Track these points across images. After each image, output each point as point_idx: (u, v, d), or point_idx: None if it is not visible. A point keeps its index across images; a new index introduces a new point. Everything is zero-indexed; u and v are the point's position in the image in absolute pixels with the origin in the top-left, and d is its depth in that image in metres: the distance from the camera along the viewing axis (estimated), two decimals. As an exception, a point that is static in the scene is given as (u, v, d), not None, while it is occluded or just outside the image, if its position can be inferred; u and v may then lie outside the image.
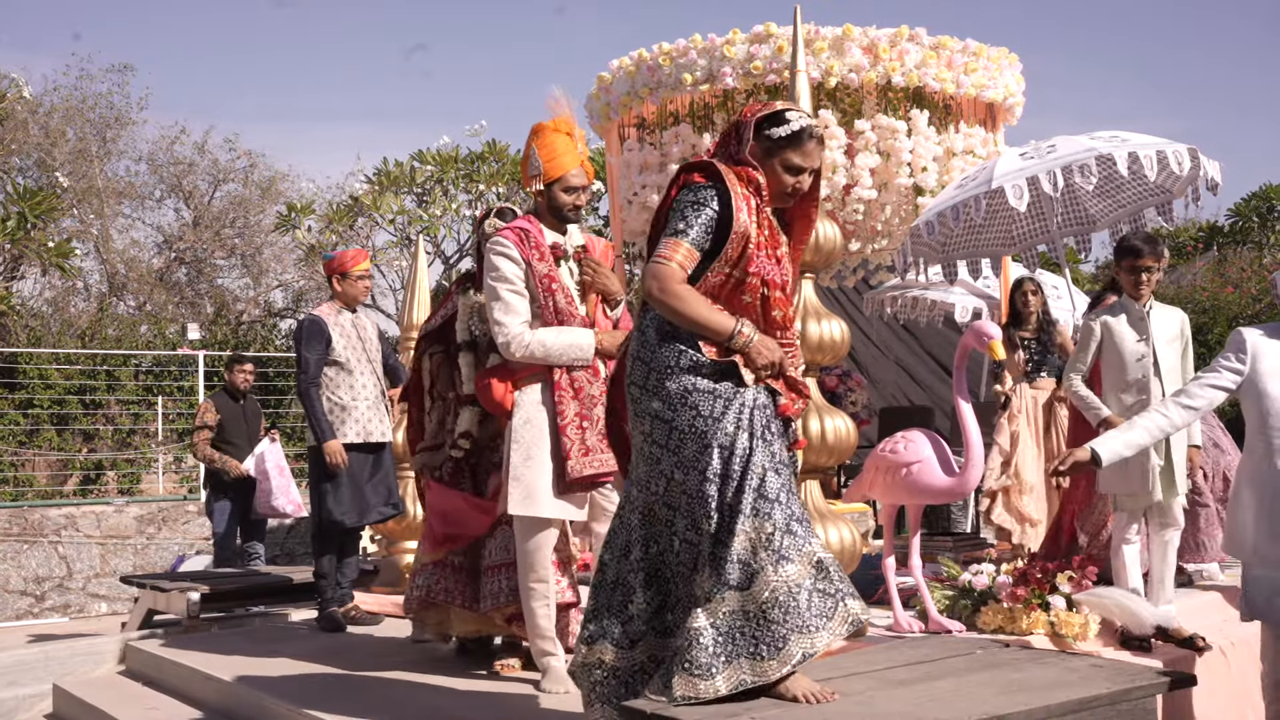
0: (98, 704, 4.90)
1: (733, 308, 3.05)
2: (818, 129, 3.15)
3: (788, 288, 3.16)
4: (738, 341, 2.98)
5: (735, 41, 6.95)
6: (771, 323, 3.10)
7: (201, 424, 8.36)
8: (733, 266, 3.03)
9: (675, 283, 2.98)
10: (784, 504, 2.93)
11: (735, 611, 2.87)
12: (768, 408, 3.03)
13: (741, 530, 2.90)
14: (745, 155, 3.10)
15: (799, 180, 3.13)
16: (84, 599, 10.40)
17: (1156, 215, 6.74)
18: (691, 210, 3.02)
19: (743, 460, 2.93)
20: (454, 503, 4.37)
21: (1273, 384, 3.61)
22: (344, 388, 5.78)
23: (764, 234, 3.07)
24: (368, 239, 16.37)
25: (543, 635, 4.03)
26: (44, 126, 18.56)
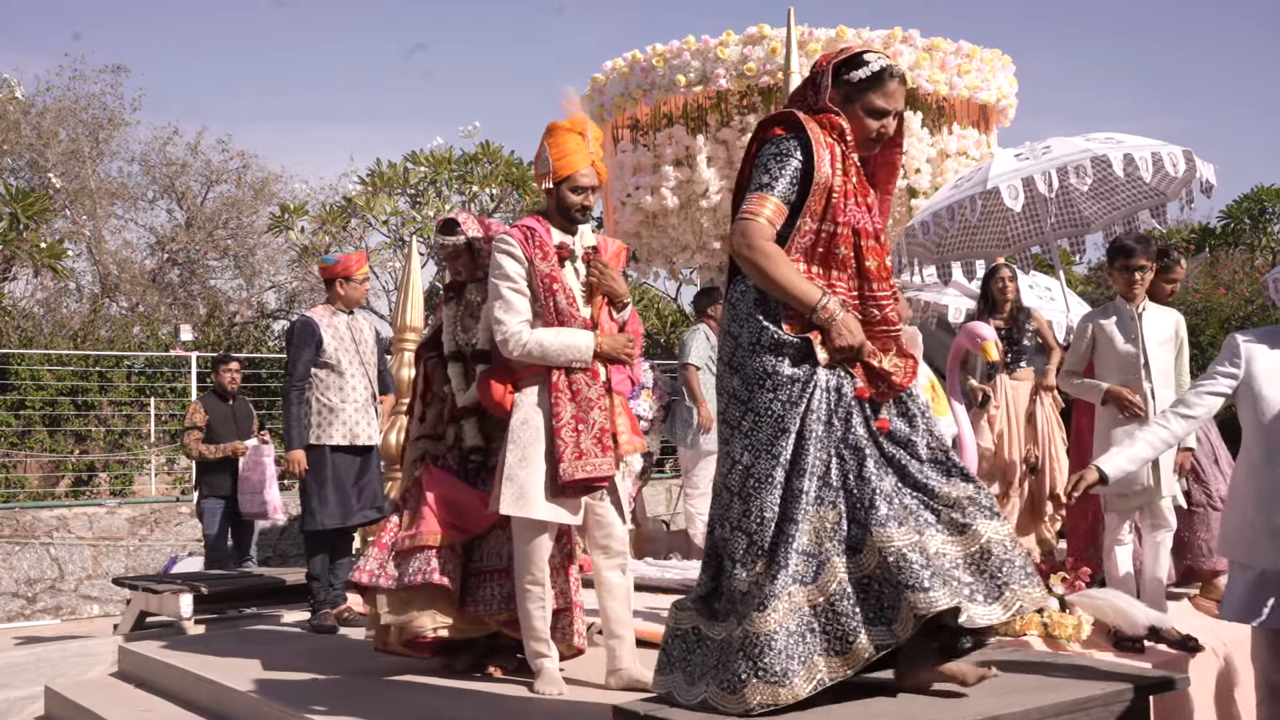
0: (90, 706, 4.88)
1: (827, 263, 2.94)
2: (899, 68, 3.03)
3: (881, 234, 3.03)
4: (820, 316, 2.86)
5: (729, 43, 6.96)
6: (866, 274, 2.97)
7: (191, 425, 8.40)
8: (820, 220, 2.92)
9: (763, 239, 2.86)
10: (851, 491, 2.81)
11: (802, 607, 2.76)
12: (842, 390, 2.90)
13: (805, 519, 2.80)
14: (825, 102, 2.98)
15: (883, 124, 3.00)
16: (76, 601, 10.37)
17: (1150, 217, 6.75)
18: (774, 162, 2.91)
19: (810, 446, 2.83)
20: (465, 495, 4.33)
21: (1268, 387, 3.64)
22: (334, 389, 5.78)
23: (851, 181, 2.95)
24: (361, 240, 16.36)
25: (537, 637, 4.01)
26: (36, 127, 18.52)
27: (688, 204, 7.10)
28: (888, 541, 2.73)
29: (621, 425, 3.99)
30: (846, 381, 2.92)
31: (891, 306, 3.01)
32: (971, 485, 2.91)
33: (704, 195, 7.01)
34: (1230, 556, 3.75)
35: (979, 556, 2.83)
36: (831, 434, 2.87)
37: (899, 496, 2.85)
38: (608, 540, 4.06)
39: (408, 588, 4.22)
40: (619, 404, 4.02)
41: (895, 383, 2.97)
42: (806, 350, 2.88)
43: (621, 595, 4.07)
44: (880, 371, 2.95)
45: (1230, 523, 3.71)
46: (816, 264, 2.95)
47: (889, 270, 3.03)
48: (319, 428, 5.72)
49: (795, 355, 2.88)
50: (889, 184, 3.18)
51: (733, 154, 6.99)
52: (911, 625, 2.69)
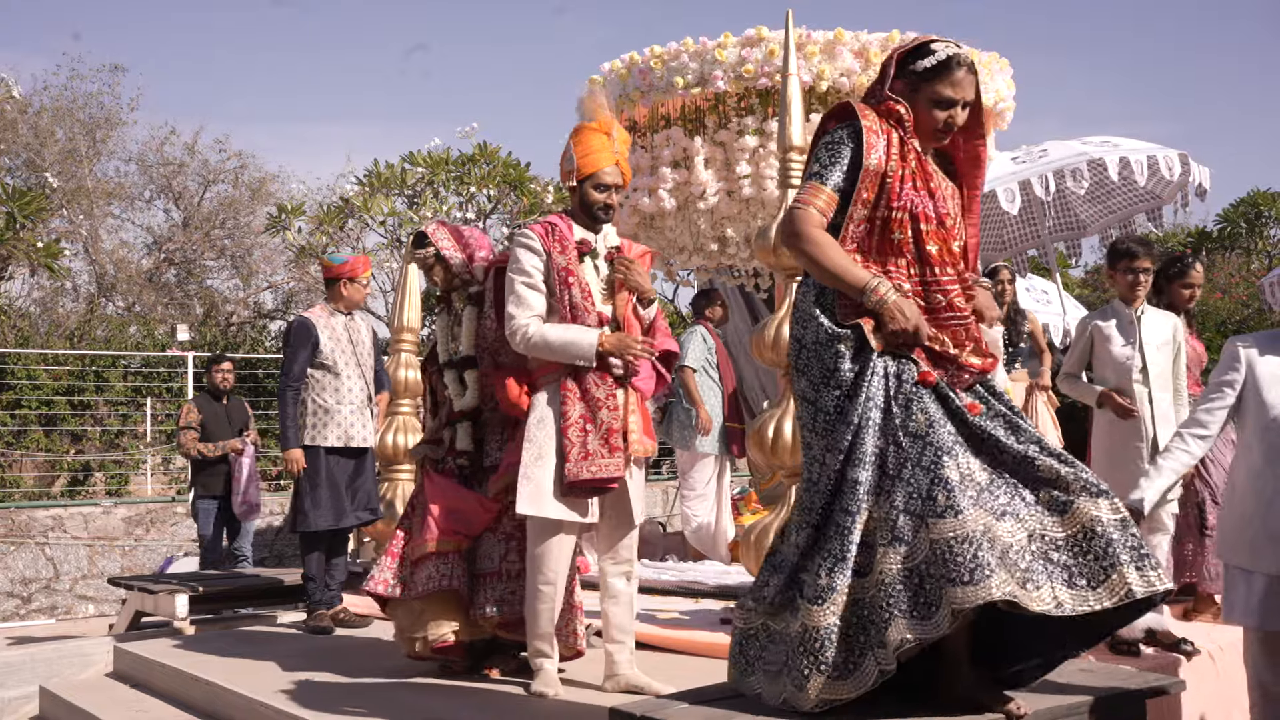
0: (85, 706, 4.87)
1: (884, 250, 2.89)
2: (967, 56, 2.95)
3: (947, 219, 2.94)
4: (870, 299, 2.79)
5: (727, 45, 6.95)
6: (927, 259, 2.90)
7: (186, 425, 8.42)
8: (873, 207, 2.88)
9: (810, 226, 2.84)
10: (908, 480, 2.72)
11: (860, 600, 2.71)
12: (902, 376, 2.82)
13: (862, 510, 2.74)
14: (886, 92, 2.94)
15: (951, 114, 2.94)
16: (71, 601, 10.35)
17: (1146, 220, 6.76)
18: (825, 151, 2.90)
19: (867, 434, 2.76)
20: (463, 500, 4.34)
21: (1267, 391, 3.65)
22: (329, 390, 5.77)
23: (909, 166, 2.90)
24: (358, 240, 16.35)
25: (541, 636, 4.00)
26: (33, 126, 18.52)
27: (685, 206, 7.09)
28: (940, 533, 2.64)
29: (634, 425, 3.98)
30: (908, 367, 2.84)
31: (958, 293, 2.92)
32: (1071, 467, 2.80)
33: (701, 197, 7.00)
34: (1227, 559, 3.75)
35: (1082, 537, 2.71)
36: (890, 422, 2.79)
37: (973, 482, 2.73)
38: (615, 545, 4.06)
39: (421, 597, 4.29)
40: (634, 403, 4.00)
41: (964, 364, 2.88)
42: (861, 337, 2.83)
43: (625, 602, 4.06)
44: (945, 355, 2.87)
45: (1228, 525, 3.72)
46: (874, 252, 2.90)
47: (955, 256, 2.96)
48: (313, 428, 5.72)
49: (851, 344, 2.84)
50: (975, 177, 3.11)
51: (730, 156, 6.98)
52: (949, 621, 2.59)
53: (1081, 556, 2.71)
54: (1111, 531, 2.71)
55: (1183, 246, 18.26)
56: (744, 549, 4.66)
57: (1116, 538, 2.71)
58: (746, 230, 7.14)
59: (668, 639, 4.72)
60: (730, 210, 7.05)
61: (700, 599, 5.72)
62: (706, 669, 4.20)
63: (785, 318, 4.57)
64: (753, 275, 8.25)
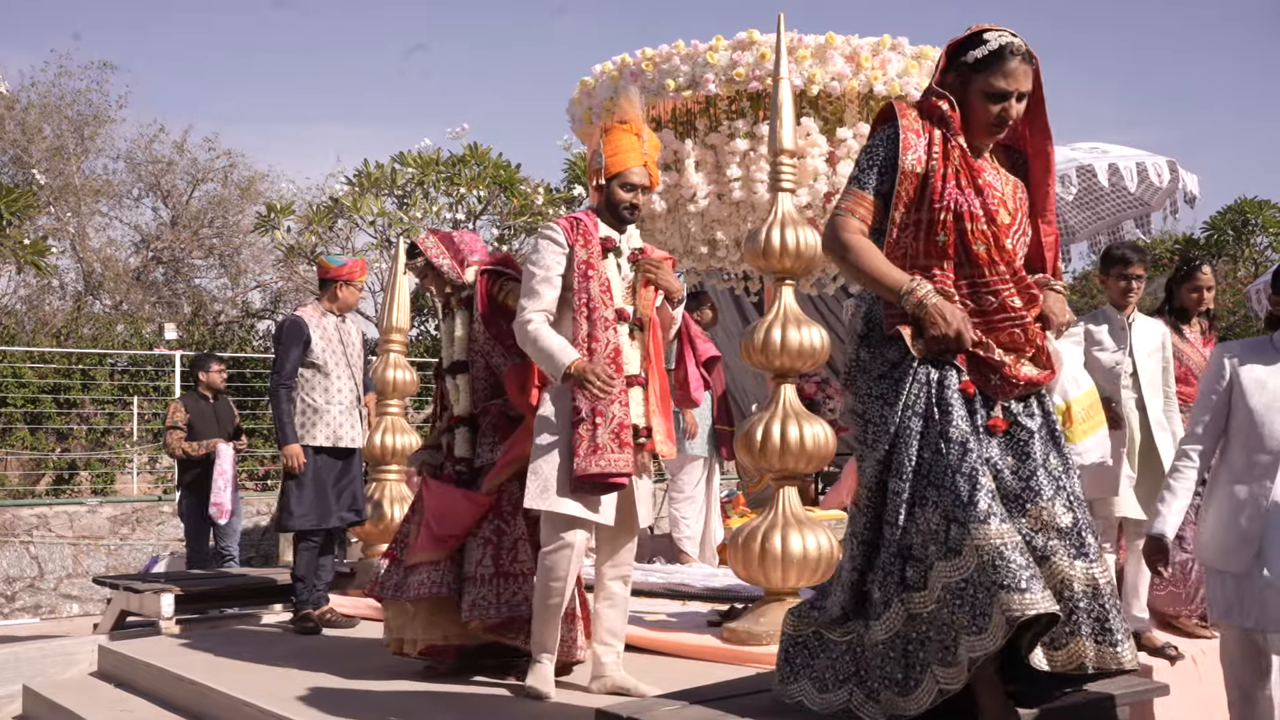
0: (69, 706, 4.85)
1: (930, 255, 2.79)
2: (1021, 45, 2.82)
3: (998, 215, 2.82)
4: (909, 301, 2.71)
5: (718, 48, 6.95)
6: (974, 259, 2.79)
7: (173, 424, 8.40)
8: (914, 208, 2.80)
9: (847, 233, 2.79)
10: (949, 488, 2.63)
11: (917, 617, 2.65)
12: (945, 382, 2.73)
13: (905, 521, 2.68)
14: (934, 86, 2.85)
15: (1005, 107, 2.82)
16: (55, 600, 10.31)
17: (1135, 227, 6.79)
18: (864, 156, 2.84)
19: (906, 444, 2.69)
20: (450, 500, 4.34)
21: (1250, 398, 3.70)
22: (319, 390, 5.78)
23: (953, 165, 2.80)
24: (347, 240, 16.31)
25: (545, 633, 3.97)
26: (20, 123, 18.45)
27: (675, 208, 7.09)
28: (985, 540, 2.56)
29: (657, 426, 3.97)
30: (952, 374, 2.75)
31: (1010, 293, 2.80)
32: (1073, 516, 2.72)
33: (692, 200, 7.00)
34: (1206, 561, 3.80)
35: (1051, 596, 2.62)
36: (930, 430, 2.70)
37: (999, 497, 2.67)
38: (617, 550, 4.04)
39: (412, 601, 4.35)
40: (655, 404, 3.99)
41: (1011, 375, 2.78)
42: (905, 349, 2.76)
43: (620, 605, 4.06)
44: (990, 362, 2.77)
45: (1206, 527, 3.78)
46: (920, 256, 2.82)
47: (1009, 254, 2.83)
48: (302, 428, 5.72)
49: (894, 353, 2.78)
50: (1043, 175, 3.00)
51: (721, 159, 6.98)
52: (1004, 631, 2.51)
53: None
54: (1079, 599, 2.66)
55: (1170, 253, 18.34)
56: (732, 552, 4.66)
57: (1083, 605, 2.66)
58: (737, 233, 7.14)
59: (655, 641, 4.72)
60: (721, 213, 7.05)
61: (688, 601, 5.72)
62: (693, 671, 4.21)
63: (775, 321, 4.58)
64: (742, 278, 8.25)
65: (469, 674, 4.39)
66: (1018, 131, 2.97)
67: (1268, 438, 3.64)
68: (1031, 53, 2.84)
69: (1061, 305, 2.94)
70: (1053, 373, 2.86)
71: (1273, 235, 18.55)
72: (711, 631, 4.79)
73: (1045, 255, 3.01)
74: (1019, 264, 2.86)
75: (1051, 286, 2.95)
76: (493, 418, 4.41)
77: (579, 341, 3.86)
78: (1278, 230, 18.44)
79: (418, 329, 18.65)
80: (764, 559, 4.49)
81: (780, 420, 4.52)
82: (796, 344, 4.54)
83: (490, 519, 4.27)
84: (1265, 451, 3.64)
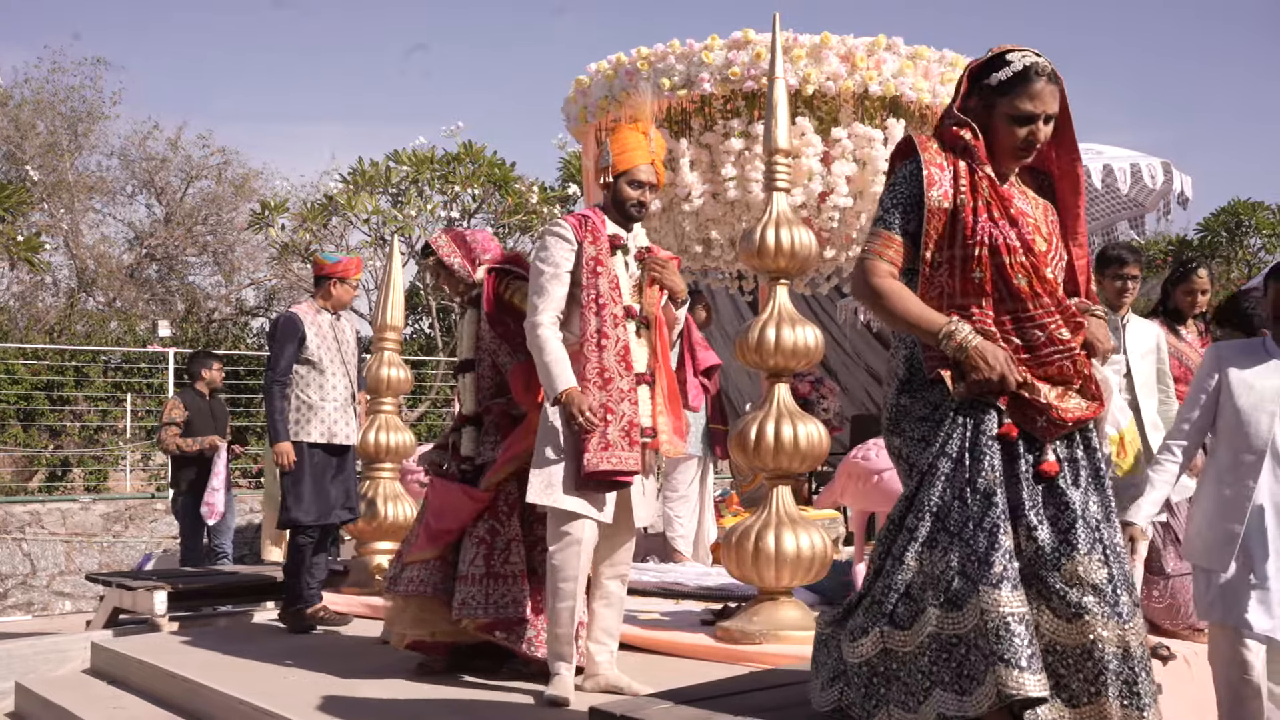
0: (61, 703, 4.84)
1: (968, 293, 2.68)
2: (1046, 65, 2.71)
3: (1035, 245, 2.70)
4: (947, 345, 2.60)
5: (713, 47, 6.96)
6: (1017, 293, 2.67)
7: (170, 420, 8.38)
8: (946, 245, 2.69)
9: (877, 278, 2.69)
10: (968, 540, 2.53)
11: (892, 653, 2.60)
12: (981, 426, 2.62)
13: (912, 559, 2.60)
14: (955, 112, 2.75)
15: (1031, 130, 2.71)
16: (48, 597, 10.29)
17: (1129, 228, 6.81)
18: (888, 194, 2.74)
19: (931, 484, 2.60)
20: (450, 496, 4.34)
21: (1238, 398, 3.75)
22: (314, 387, 5.78)
23: (983, 197, 2.69)
24: (342, 238, 16.30)
25: (560, 638, 3.90)
26: (14, 119, 18.40)
27: (670, 208, 7.10)
28: (994, 605, 2.47)
29: (663, 425, 3.95)
30: (990, 417, 2.64)
31: (1058, 325, 2.67)
32: (1108, 571, 2.58)
33: (686, 199, 7.01)
34: (1192, 560, 3.85)
35: (1079, 654, 2.54)
36: (959, 474, 2.60)
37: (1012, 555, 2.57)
38: (616, 550, 4.03)
39: (405, 596, 4.38)
40: (661, 402, 3.98)
41: (1058, 416, 2.65)
42: (945, 391, 2.66)
43: (616, 605, 4.05)
44: (1036, 404, 2.65)
45: (1194, 526, 3.82)
46: (957, 295, 2.70)
47: (1051, 284, 2.70)
48: (297, 424, 5.72)
49: (935, 396, 2.68)
50: (1073, 197, 2.88)
51: (716, 158, 6.99)
52: (990, 703, 2.45)
53: (1072, 671, 2.56)
54: (1109, 660, 2.54)
55: (1164, 255, 18.39)
56: (725, 551, 4.67)
57: (1112, 667, 2.54)
58: (731, 233, 7.15)
59: (648, 639, 4.72)
60: (715, 213, 7.05)
61: (681, 600, 5.72)
62: (687, 670, 4.22)
63: (770, 320, 4.58)
64: (736, 278, 8.26)
65: (462, 673, 4.39)
66: (1043, 153, 2.86)
67: (1253, 437, 3.69)
68: (1056, 73, 2.74)
69: (1104, 331, 2.84)
70: (1101, 404, 2.76)
71: (1266, 237, 18.61)
72: (705, 630, 4.80)
73: (1079, 279, 2.90)
74: (1061, 293, 2.75)
75: (1092, 312, 2.83)
76: (495, 417, 4.40)
77: (588, 338, 3.84)
78: (1271, 232, 18.51)
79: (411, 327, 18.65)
80: (757, 558, 4.49)
81: (774, 419, 4.52)
82: (791, 343, 4.55)
83: (485, 519, 4.26)
84: (1250, 451, 3.69)
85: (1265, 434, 3.69)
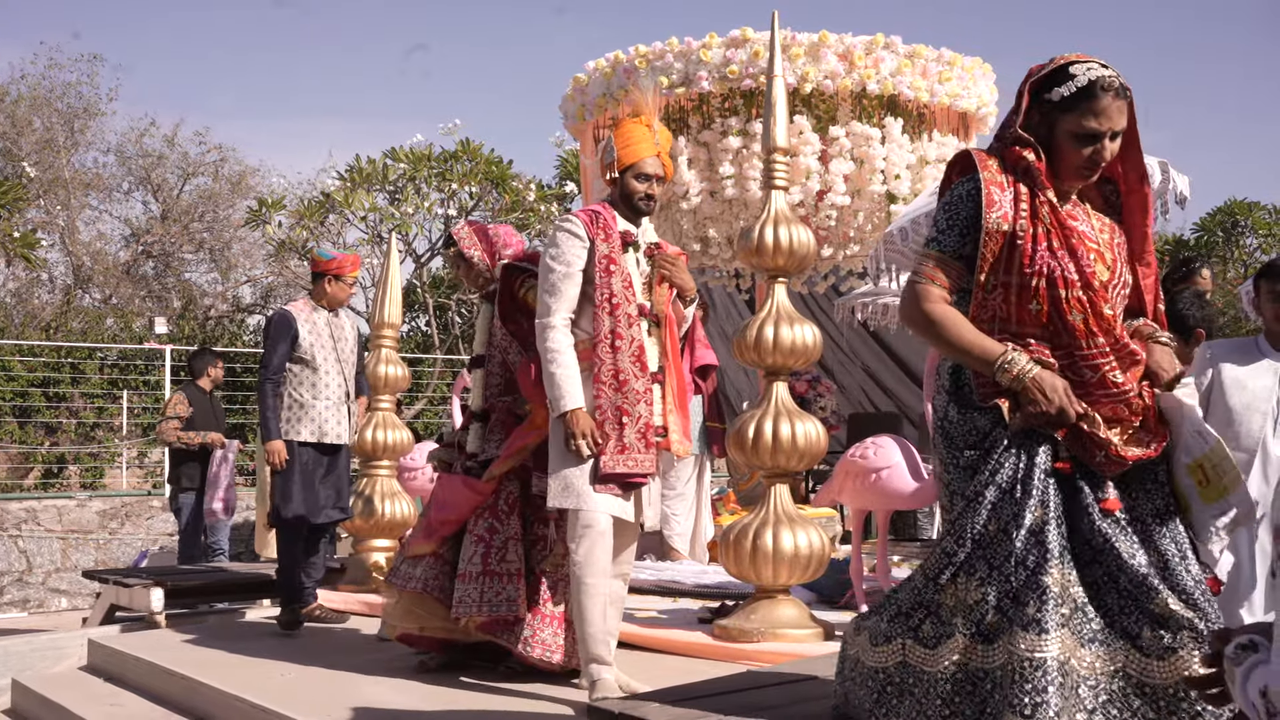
0: (59, 700, 4.84)
1: (1023, 322, 2.56)
2: (1113, 79, 2.53)
3: (1095, 280, 2.55)
4: (1002, 377, 2.49)
5: (712, 45, 6.97)
6: (1071, 329, 2.54)
7: (173, 414, 8.40)
8: (1003, 271, 2.56)
9: (928, 304, 2.58)
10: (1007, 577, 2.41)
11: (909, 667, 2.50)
12: (1034, 459, 2.49)
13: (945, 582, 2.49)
14: (1016, 130, 2.59)
15: (1097, 148, 2.55)
16: (44, 594, 10.28)
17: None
18: (943, 214, 2.61)
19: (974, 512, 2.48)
20: (451, 487, 4.32)
21: (1230, 396, 3.75)
22: (306, 385, 5.71)
23: (1043, 224, 2.55)
24: (339, 235, 16.29)
25: (594, 639, 3.77)
26: (10, 115, 18.37)
27: (668, 205, 7.11)
28: (1025, 649, 2.35)
29: (673, 424, 3.93)
30: (1043, 451, 2.51)
31: (1112, 366, 2.53)
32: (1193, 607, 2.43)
33: (684, 197, 7.02)
34: None
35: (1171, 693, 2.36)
36: (1005, 507, 2.47)
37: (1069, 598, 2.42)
38: (619, 547, 3.95)
39: (400, 590, 4.40)
40: (672, 401, 3.95)
41: (1118, 454, 2.51)
42: (997, 417, 2.53)
43: (617, 604, 4.00)
44: (1095, 439, 2.51)
45: None
46: (1012, 322, 2.58)
47: (1108, 321, 2.55)
48: (288, 423, 5.66)
49: (985, 421, 2.56)
50: (1141, 216, 2.70)
51: (714, 156, 7.00)
52: None
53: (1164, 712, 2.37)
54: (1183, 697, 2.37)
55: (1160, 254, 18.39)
56: (723, 549, 4.67)
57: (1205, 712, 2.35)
58: (729, 231, 7.16)
59: (646, 638, 4.72)
60: (713, 211, 7.06)
61: (678, 598, 5.72)
62: (684, 668, 4.22)
63: (767, 319, 4.58)
64: (734, 276, 8.27)
65: (459, 672, 4.38)
66: (1110, 166, 2.69)
67: (1244, 436, 3.69)
68: (1125, 86, 2.56)
69: (1170, 359, 2.67)
70: (1164, 440, 2.60)
71: (1262, 237, 18.65)
72: (702, 629, 4.80)
73: (1145, 299, 2.75)
74: (1120, 329, 2.59)
75: (1157, 338, 2.68)
76: (500, 415, 4.38)
77: (602, 339, 3.78)
78: (1267, 232, 18.54)
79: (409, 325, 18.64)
80: (755, 556, 4.49)
81: (773, 418, 4.53)
82: (789, 342, 4.55)
83: (485, 517, 4.24)
84: (1241, 450, 3.70)
85: (1257, 433, 3.69)
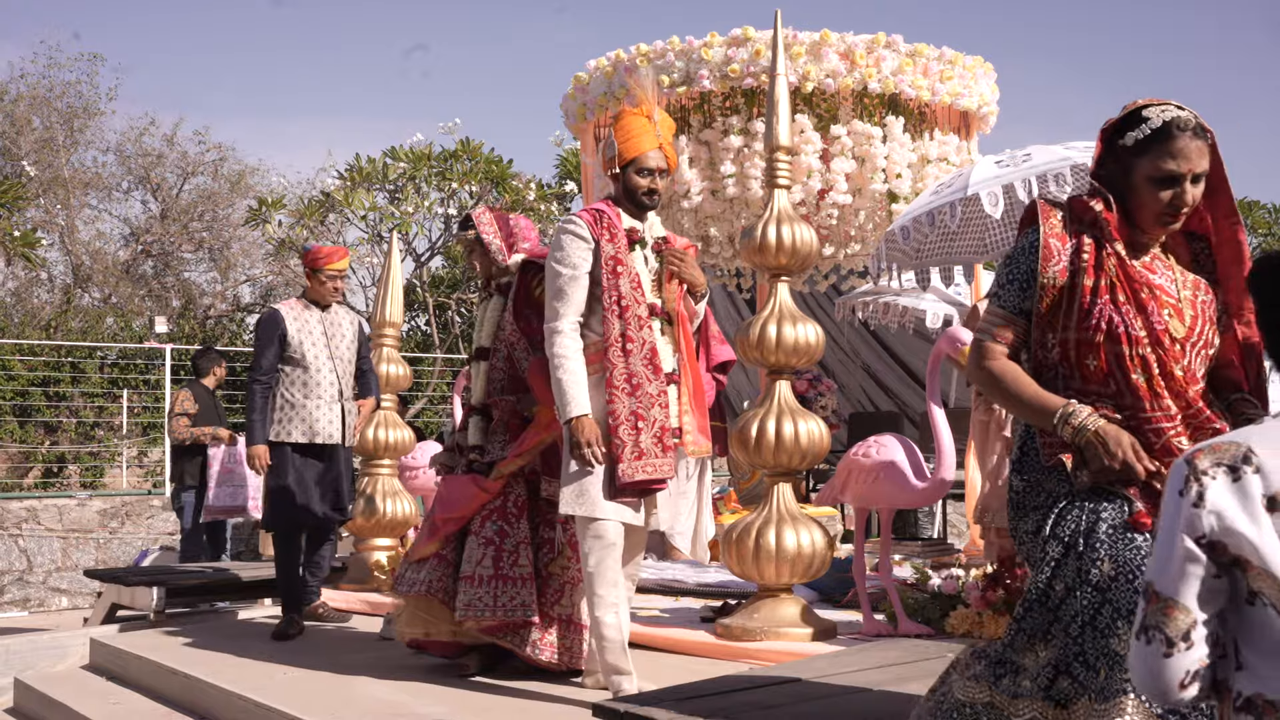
0: (60, 698, 4.84)
1: (1086, 378, 2.46)
2: (1190, 119, 2.42)
3: (1165, 338, 2.42)
4: (1064, 430, 2.38)
5: (713, 44, 6.96)
6: (1134, 389, 2.41)
7: (181, 411, 8.44)
8: (1062, 327, 2.47)
9: (990, 360, 2.52)
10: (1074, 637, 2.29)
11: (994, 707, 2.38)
12: (1101, 513, 2.35)
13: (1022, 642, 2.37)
14: (1091, 180, 2.53)
15: (1177, 193, 2.42)
16: (44, 593, 10.28)
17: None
18: (1004, 268, 2.55)
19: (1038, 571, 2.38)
20: (458, 484, 4.30)
21: None
22: (297, 385, 5.54)
23: (1107, 275, 2.44)
24: (339, 235, 16.28)
25: (612, 650, 3.74)
26: (9, 114, 18.36)
27: (669, 204, 7.10)
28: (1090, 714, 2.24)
29: (689, 425, 3.88)
30: (1111, 507, 2.36)
31: (1177, 433, 2.39)
32: None
33: (685, 196, 7.01)
34: None
35: None
36: (1069, 563, 2.35)
37: None
38: (626, 548, 3.94)
39: (403, 595, 4.40)
40: (687, 401, 3.90)
41: None
42: (1063, 476, 2.43)
43: (623, 604, 4.04)
44: None
45: None
46: (1075, 379, 2.48)
47: (1178, 383, 2.41)
48: (279, 424, 5.50)
49: (1053, 483, 2.44)
50: (1235, 267, 2.53)
51: (715, 155, 7.00)
52: None
53: None
54: None
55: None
56: (725, 548, 4.67)
57: None
58: (730, 229, 7.15)
59: (648, 637, 4.72)
60: (714, 209, 7.06)
61: (680, 597, 5.72)
62: (686, 667, 4.22)
63: (770, 317, 4.58)
64: (735, 275, 8.26)
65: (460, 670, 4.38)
66: (1198, 216, 2.56)
67: None
68: (1204, 125, 2.45)
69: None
70: None
71: (1262, 236, 18.66)
72: (704, 627, 4.80)
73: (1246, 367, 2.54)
74: (1194, 392, 2.43)
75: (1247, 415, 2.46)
76: (504, 413, 4.34)
77: (613, 342, 3.72)
78: (1267, 231, 18.56)
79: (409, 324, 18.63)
80: (757, 555, 4.50)
81: (775, 417, 4.53)
82: (792, 340, 4.55)
83: (494, 520, 4.19)
84: None
85: None
